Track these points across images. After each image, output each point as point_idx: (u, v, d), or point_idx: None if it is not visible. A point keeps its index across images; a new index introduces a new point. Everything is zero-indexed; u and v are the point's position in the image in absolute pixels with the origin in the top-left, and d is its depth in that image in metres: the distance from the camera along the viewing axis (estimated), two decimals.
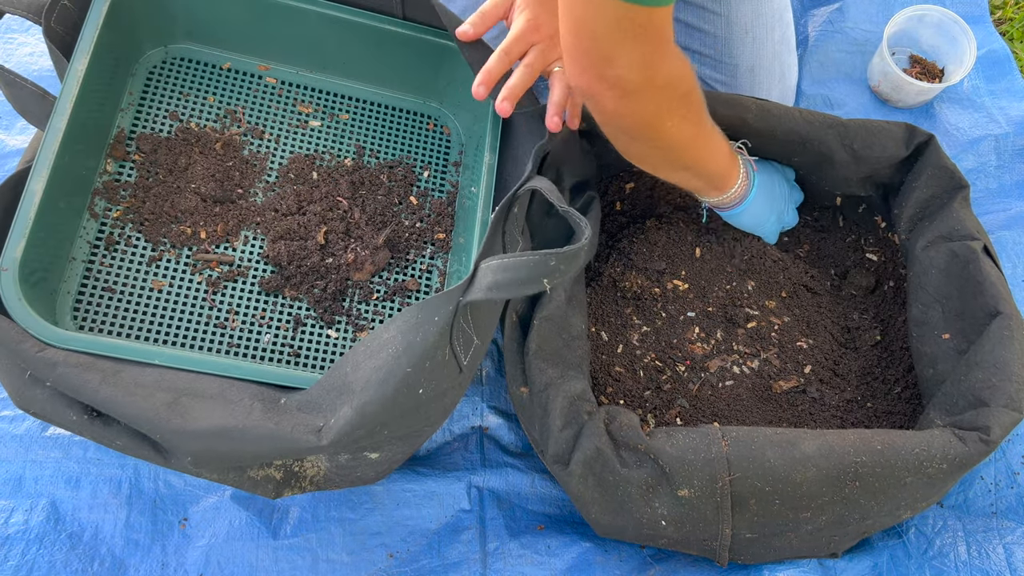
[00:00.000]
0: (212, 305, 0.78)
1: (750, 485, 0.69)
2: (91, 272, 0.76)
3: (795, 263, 0.96)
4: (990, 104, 1.11)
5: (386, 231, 0.83)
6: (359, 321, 0.81)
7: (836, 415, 0.87)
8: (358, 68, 0.89)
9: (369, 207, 0.85)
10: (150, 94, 0.84)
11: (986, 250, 0.81)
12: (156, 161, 0.81)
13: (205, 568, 0.79)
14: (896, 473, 0.69)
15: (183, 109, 0.84)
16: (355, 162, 0.87)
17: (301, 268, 0.80)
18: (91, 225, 0.77)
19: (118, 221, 0.78)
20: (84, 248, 0.76)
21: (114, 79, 0.80)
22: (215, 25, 0.84)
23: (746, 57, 0.97)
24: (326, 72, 0.89)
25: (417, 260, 0.84)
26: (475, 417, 0.89)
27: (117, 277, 0.76)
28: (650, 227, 0.95)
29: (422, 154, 0.90)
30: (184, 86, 0.85)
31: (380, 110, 0.90)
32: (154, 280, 0.77)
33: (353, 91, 0.90)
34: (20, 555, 0.77)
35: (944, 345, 0.81)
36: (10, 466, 0.81)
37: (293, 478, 0.71)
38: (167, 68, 0.85)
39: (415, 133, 0.90)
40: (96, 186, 0.78)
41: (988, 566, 0.80)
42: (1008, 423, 0.71)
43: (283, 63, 0.88)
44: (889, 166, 0.88)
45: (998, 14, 1.23)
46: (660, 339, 0.90)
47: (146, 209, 0.79)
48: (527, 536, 0.82)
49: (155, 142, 0.82)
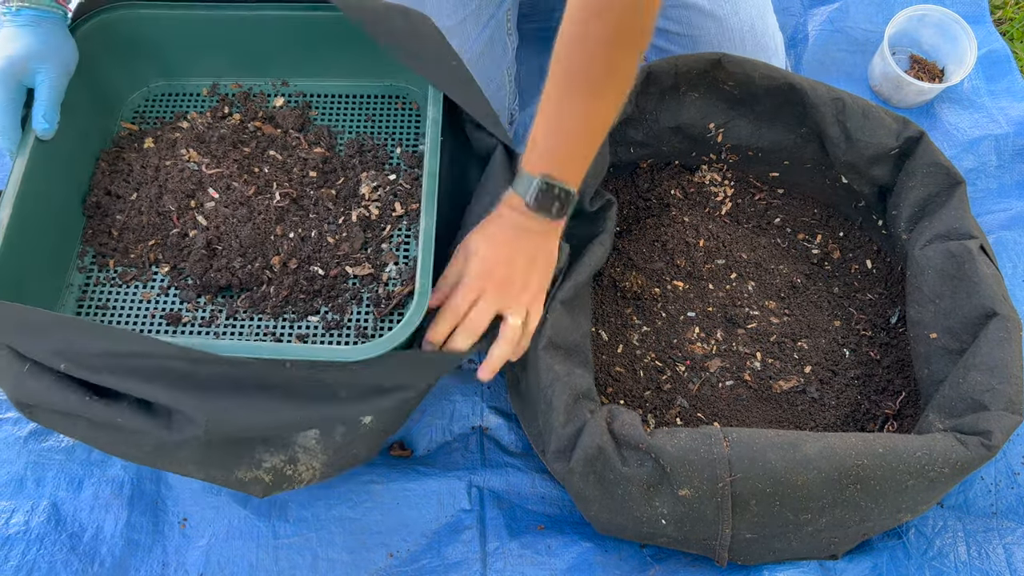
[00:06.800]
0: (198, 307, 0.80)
1: (751, 486, 0.69)
2: (86, 293, 0.81)
3: (795, 263, 0.96)
4: (990, 104, 1.11)
5: (358, 210, 0.83)
6: (339, 301, 0.81)
7: (836, 415, 0.87)
8: (322, 65, 0.90)
9: (343, 191, 0.85)
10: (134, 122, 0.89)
11: (983, 249, 0.81)
12: (131, 178, 0.84)
13: (205, 568, 0.79)
14: (897, 476, 0.69)
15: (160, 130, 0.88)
16: (326, 151, 0.87)
17: (274, 258, 0.80)
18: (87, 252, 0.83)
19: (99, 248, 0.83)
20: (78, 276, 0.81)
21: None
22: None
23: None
24: (294, 76, 0.91)
25: (393, 234, 0.84)
26: (475, 417, 0.89)
27: (109, 295, 0.81)
28: (650, 227, 0.95)
29: (393, 132, 0.90)
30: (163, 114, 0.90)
31: (350, 100, 0.92)
32: (143, 293, 0.81)
33: (321, 88, 0.92)
34: (20, 555, 0.77)
35: (933, 344, 0.81)
36: (12, 467, 0.82)
37: (285, 481, 0.72)
38: (151, 103, 0.90)
39: (385, 114, 0.91)
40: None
41: (988, 566, 0.80)
42: (1009, 426, 0.71)
43: (252, 77, 0.91)
44: (880, 158, 0.88)
45: (998, 14, 1.23)
46: (660, 339, 0.90)
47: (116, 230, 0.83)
48: (527, 536, 0.82)
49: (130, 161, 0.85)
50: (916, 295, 0.84)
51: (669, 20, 0.97)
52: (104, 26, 0.82)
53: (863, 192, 0.93)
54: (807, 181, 0.97)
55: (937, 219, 0.85)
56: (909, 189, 0.87)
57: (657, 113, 0.92)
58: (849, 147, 0.88)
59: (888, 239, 0.94)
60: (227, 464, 0.70)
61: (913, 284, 0.85)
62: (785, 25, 1.15)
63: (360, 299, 0.81)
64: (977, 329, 0.78)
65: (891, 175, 0.90)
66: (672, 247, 0.94)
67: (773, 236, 0.98)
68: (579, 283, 0.78)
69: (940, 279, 0.82)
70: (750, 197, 0.99)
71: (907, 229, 0.88)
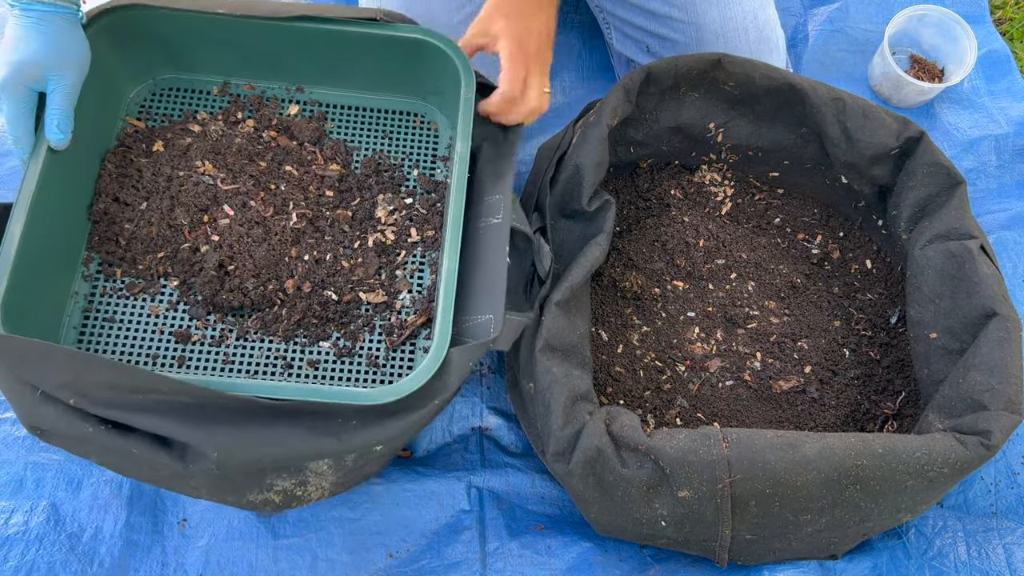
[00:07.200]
0: (208, 325, 0.79)
1: (750, 487, 0.69)
2: (92, 304, 0.78)
3: (795, 263, 0.96)
4: (990, 104, 1.11)
5: (374, 234, 0.82)
6: (351, 328, 0.80)
7: (836, 415, 0.87)
8: (340, 75, 0.88)
9: (359, 213, 0.84)
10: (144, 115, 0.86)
11: (983, 249, 0.81)
12: (142, 184, 0.81)
13: (205, 568, 0.79)
14: (897, 477, 0.69)
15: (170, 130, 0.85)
16: (342, 168, 0.86)
17: (285, 281, 0.79)
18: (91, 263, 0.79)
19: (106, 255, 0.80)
20: (84, 286, 0.78)
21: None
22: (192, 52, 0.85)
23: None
24: (310, 83, 0.89)
25: (408, 260, 0.83)
26: (475, 417, 0.89)
27: (116, 307, 0.78)
28: (650, 227, 0.95)
29: (410, 152, 0.88)
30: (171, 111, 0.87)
31: (367, 113, 0.89)
32: (151, 307, 0.78)
33: (338, 99, 0.89)
34: (19, 556, 0.77)
35: (933, 344, 0.81)
36: (11, 468, 0.81)
37: (295, 500, 0.71)
38: (157, 99, 0.87)
39: (402, 132, 0.89)
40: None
41: (988, 566, 0.80)
42: (1008, 426, 0.71)
43: (266, 79, 0.89)
44: (880, 158, 0.88)
45: (998, 14, 1.23)
46: (660, 339, 0.90)
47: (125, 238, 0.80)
48: (527, 536, 0.82)
49: (139, 165, 0.82)
50: (916, 295, 0.84)
51: (672, 6, 0.96)
52: (112, 17, 0.78)
53: (863, 192, 0.93)
54: (807, 181, 0.97)
55: (937, 219, 0.85)
56: (909, 189, 0.87)
57: (657, 113, 0.92)
58: (849, 147, 0.88)
59: (888, 239, 0.94)
60: (240, 491, 0.70)
61: (913, 284, 0.85)
62: (785, 25, 1.15)
63: (373, 327, 0.79)
64: (977, 329, 0.78)
65: (891, 175, 0.90)
66: (672, 247, 0.94)
67: (773, 236, 0.98)
68: (575, 284, 0.78)
69: (940, 279, 0.82)
70: (750, 197, 0.99)
71: (907, 229, 0.88)
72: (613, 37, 1.04)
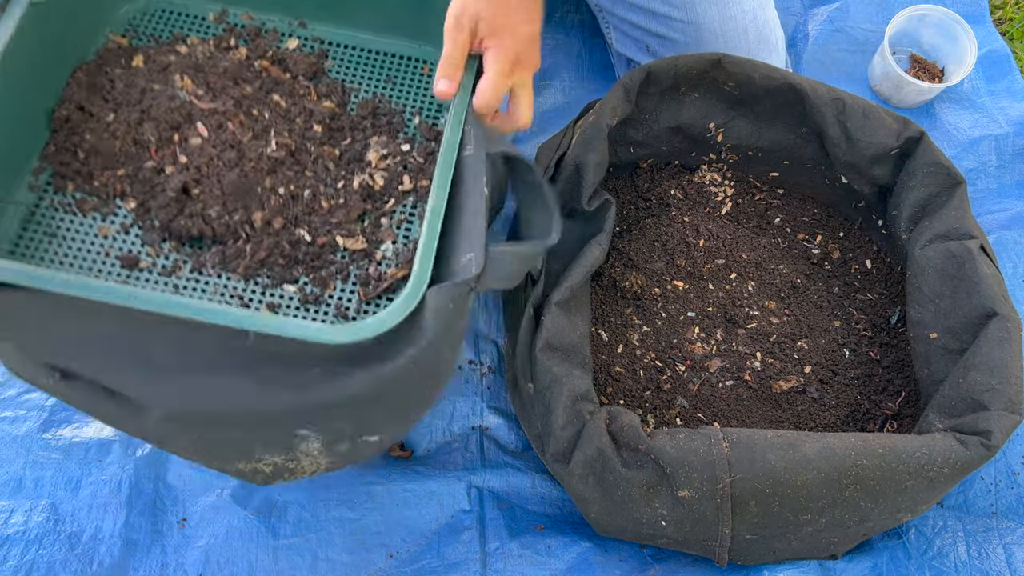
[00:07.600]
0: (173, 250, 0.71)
1: (750, 487, 0.69)
2: (35, 216, 0.70)
3: (795, 263, 0.96)
4: (990, 104, 1.11)
5: (361, 176, 0.76)
6: (322, 274, 0.73)
7: (836, 415, 0.87)
8: (346, 12, 0.82)
9: (348, 153, 0.78)
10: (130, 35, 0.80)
11: (983, 249, 0.81)
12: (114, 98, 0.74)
13: (205, 568, 0.79)
14: (897, 476, 0.69)
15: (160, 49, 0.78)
16: (336, 107, 0.80)
17: (262, 215, 0.73)
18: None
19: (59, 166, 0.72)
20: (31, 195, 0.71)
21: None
22: None
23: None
24: (313, 19, 0.83)
25: (396, 209, 0.76)
26: (475, 417, 0.89)
27: (61, 223, 0.70)
28: (650, 227, 0.95)
29: (413, 100, 0.82)
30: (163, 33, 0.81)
31: (371, 55, 0.84)
32: (100, 227, 0.71)
33: (342, 37, 0.83)
34: (19, 556, 0.77)
35: (933, 344, 0.81)
36: (10, 467, 0.81)
37: (286, 472, 0.67)
38: (147, 19, 0.81)
39: (407, 78, 0.83)
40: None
41: (988, 566, 0.80)
42: (1009, 426, 0.71)
43: (267, 11, 0.83)
44: (880, 158, 0.88)
45: (998, 14, 1.23)
46: (660, 339, 0.90)
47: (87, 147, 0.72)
48: (527, 536, 0.82)
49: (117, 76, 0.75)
50: (916, 295, 0.84)
51: (671, 6, 0.95)
52: None
53: (863, 192, 0.93)
54: (807, 181, 0.97)
55: (937, 219, 0.85)
56: (909, 189, 0.87)
57: (657, 113, 0.92)
58: (849, 147, 0.88)
59: (888, 239, 0.94)
60: (226, 458, 0.65)
61: (913, 284, 0.85)
62: (785, 25, 1.15)
63: (347, 275, 0.72)
64: (977, 329, 0.78)
65: (891, 175, 0.90)
66: (672, 247, 0.94)
67: (773, 236, 0.98)
68: (575, 284, 0.78)
69: (940, 279, 0.82)
70: (750, 197, 0.99)
71: (907, 229, 0.88)
72: (613, 37, 1.04)
